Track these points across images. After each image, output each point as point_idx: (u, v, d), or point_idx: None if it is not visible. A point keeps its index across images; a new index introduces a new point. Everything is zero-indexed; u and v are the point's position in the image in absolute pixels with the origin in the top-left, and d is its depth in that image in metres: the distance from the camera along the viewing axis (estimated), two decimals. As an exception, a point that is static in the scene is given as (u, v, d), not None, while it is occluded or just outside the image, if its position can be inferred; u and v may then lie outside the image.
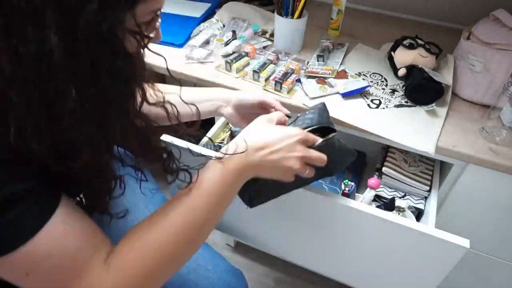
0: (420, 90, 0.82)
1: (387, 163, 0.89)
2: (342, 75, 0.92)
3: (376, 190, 0.84)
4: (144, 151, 0.47)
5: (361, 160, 1.11)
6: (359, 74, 0.93)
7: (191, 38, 1.04)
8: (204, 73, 0.91)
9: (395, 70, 0.92)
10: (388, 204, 0.82)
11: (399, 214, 0.81)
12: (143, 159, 0.51)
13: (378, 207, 0.84)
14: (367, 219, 0.66)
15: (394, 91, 0.88)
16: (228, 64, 0.91)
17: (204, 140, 0.90)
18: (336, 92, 0.86)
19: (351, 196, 0.83)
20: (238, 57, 0.94)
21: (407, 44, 0.88)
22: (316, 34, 1.07)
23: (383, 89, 0.89)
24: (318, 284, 1.32)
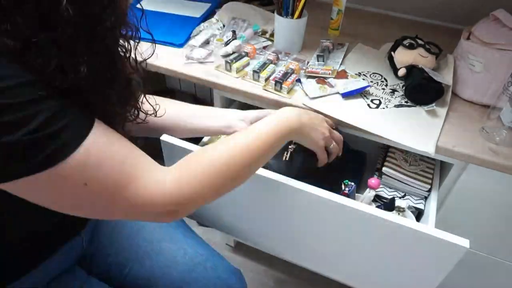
0: (420, 90, 0.82)
1: (387, 163, 0.89)
2: (342, 75, 0.92)
3: (376, 190, 0.84)
4: (111, 78, 0.48)
5: (361, 160, 1.11)
6: (359, 74, 0.93)
7: (191, 38, 1.04)
8: (204, 73, 0.91)
9: (395, 70, 0.92)
10: (388, 204, 0.82)
11: (399, 214, 0.81)
12: (120, 104, 0.52)
13: (378, 207, 0.84)
14: (367, 219, 0.66)
15: (394, 91, 0.88)
16: (228, 64, 0.91)
17: (205, 139, 0.90)
18: (336, 92, 0.86)
19: (351, 196, 0.83)
20: (238, 57, 0.94)
21: (407, 44, 0.88)
22: (316, 34, 1.07)
23: (383, 89, 0.89)
24: (318, 284, 1.32)
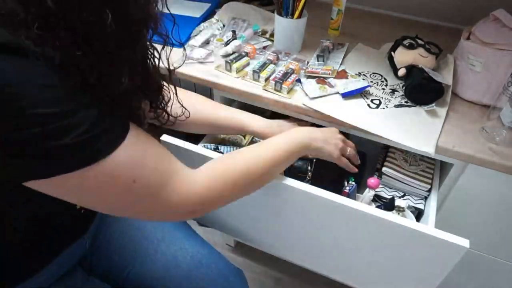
0: (420, 90, 0.82)
1: (387, 163, 0.89)
2: (342, 75, 0.92)
3: (376, 190, 0.84)
4: (145, 84, 0.51)
5: (361, 160, 1.11)
6: (359, 74, 0.93)
7: (191, 38, 1.04)
8: (204, 73, 0.91)
9: (395, 70, 0.91)
10: (388, 204, 0.82)
11: (398, 214, 0.81)
12: (144, 92, 0.53)
13: (378, 207, 0.84)
14: (367, 219, 0.66)
15: (394, 91, 0.88)
16: (228, 64, 0.91)
17: (205, 139, 0.90)
18: (336, 92, 0.86)
19: (351, 196, 0.83)
20: (238, 57, 0.94)
21: (407, 44, 0.88)
22: (316, 34, 1.07)
23: (383, 89, 0.89)
24: (318, 284, 1.32)
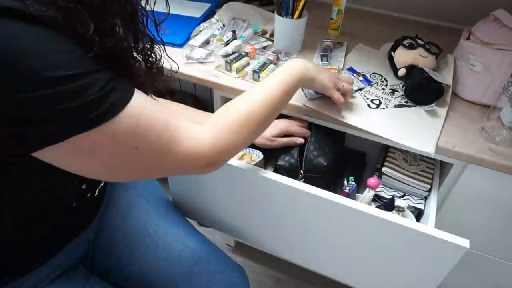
0: (420, 90, 0.82)
1: (387, 163, 0.89)
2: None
3: (376, 190, 0.84)
4: (137, 39, 0.53)
5: (361, 160, 1.11)
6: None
7: (191, 38, 1.04)
8: (204, 73, 0.91)
9: (395, 70, 0.91)
10: (388, 204, 0.82)
11: (398, 214, 0.81)
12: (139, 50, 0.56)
13: (377, 207, 0.84)
14: (366, 219, 0.66)
15: (394, 91, 0.88)
16: (228, 64, 0.91)
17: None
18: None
19: (351, 196, 0.83)
20: (238, 57, 0.94)
21: (407, 44, 0.88)
22: (316, 34, 1.07)
23: (383, 89, 0.89)
24: (318, 283, 1.32)
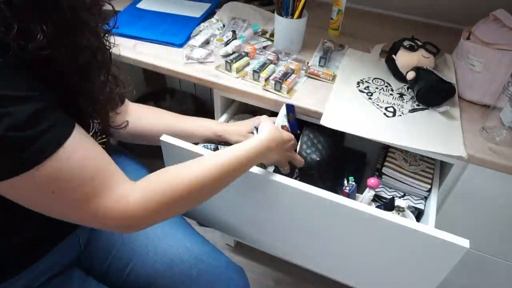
0: (432, 91, 0.81)
1: (387, 163, 0.89)
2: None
3: (376, 190, 0.84)
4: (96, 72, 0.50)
5: (361, 160, 1.11)
6: (362, 82, 0.91)
7: (191, 38, 1.04)
8: (204, 73, 0.91)
9: (394, 72, 0.91)
10: (388, 204, 0.82)
11: (398, 214, 0.81)
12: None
13: (378, 207, 0.84)
14: (366, 219, 0.66)
15: (402, 95, 0.87)
16: (228, 64, 0.91)
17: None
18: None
19: (351, 196, 0.83)
20: (238, 57, 0.94)
21: (408, 46, 0.88)
22: (316, 34, 1.07)
23: (391, 94, 0.88)
24: (318, 283, 1.32)
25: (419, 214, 0.87)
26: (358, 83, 0.91)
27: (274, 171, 0.77)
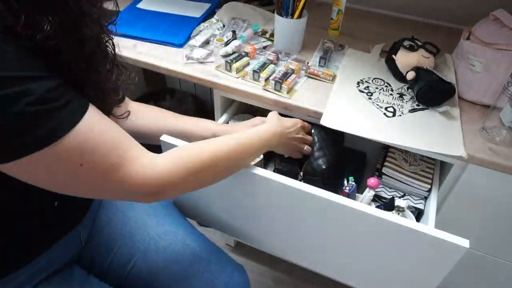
0: (432, 91, 0.81)
1: (387, 163, 0.89)
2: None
3: (376, 190, 0.84)
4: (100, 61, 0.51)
5: (361, 160, 1.11)
6: (362, 82, 0.91)
7: (191, 38, 1.04)
8: (204, 73, 0.91)
9: (395, 73, 0.91)
10: (388, 204, 0.82)
11: (398, 214, 0.81)
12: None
13: (377, 207, 0.84)
14: (366, 219, 0.66)
15: (401, 95, 0.87)
16: (228, 64, 0.91)
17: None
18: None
19: (351, 196, 0.83)
20: (238, 57, 0.94)
21: (408, 46, 0.88)
22: (316, 34, 1.07)
23: (391, 94, 0.88)
24: (318, 283, 1.32)
25: (419, 214, 0.87)
26: (358, 83, 0.91)
27: (274, 171, 0.77)
